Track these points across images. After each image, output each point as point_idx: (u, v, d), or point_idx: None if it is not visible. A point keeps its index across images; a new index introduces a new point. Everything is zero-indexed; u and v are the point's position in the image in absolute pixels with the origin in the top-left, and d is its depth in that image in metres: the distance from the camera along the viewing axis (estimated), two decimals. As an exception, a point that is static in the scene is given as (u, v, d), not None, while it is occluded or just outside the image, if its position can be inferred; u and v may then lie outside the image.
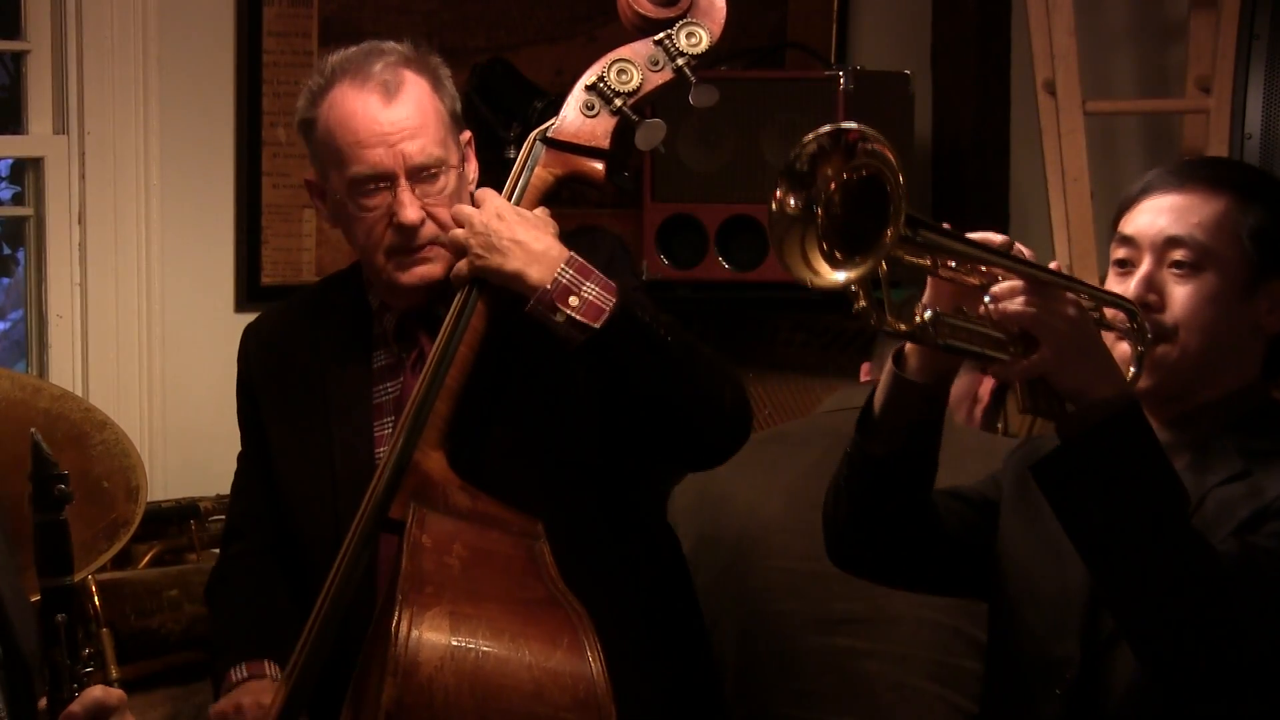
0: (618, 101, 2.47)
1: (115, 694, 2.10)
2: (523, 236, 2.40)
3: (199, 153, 3.70)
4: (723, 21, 2.49)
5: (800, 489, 2.96)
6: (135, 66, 3.58)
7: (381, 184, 2.51)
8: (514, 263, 2.39)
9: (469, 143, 2.63)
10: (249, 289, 3.75)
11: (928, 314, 2.01)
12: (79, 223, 3.57)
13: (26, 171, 3.61)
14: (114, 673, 3.15)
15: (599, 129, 2.47)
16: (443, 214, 2.52)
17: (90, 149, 3.56)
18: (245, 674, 2.57)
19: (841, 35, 4.44)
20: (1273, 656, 2.00)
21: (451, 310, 2.45)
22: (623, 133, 2.49)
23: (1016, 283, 2.02)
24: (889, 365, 2.17)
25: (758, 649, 2.92)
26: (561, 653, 2.22)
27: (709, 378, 2.47)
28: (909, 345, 2.15)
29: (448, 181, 2.53)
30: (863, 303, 1.95)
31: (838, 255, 1.93)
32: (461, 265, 2.44)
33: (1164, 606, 1.99)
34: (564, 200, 3.70)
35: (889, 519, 2.28)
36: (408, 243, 2.52)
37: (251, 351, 2.74)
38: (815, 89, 3.90)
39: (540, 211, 2.48)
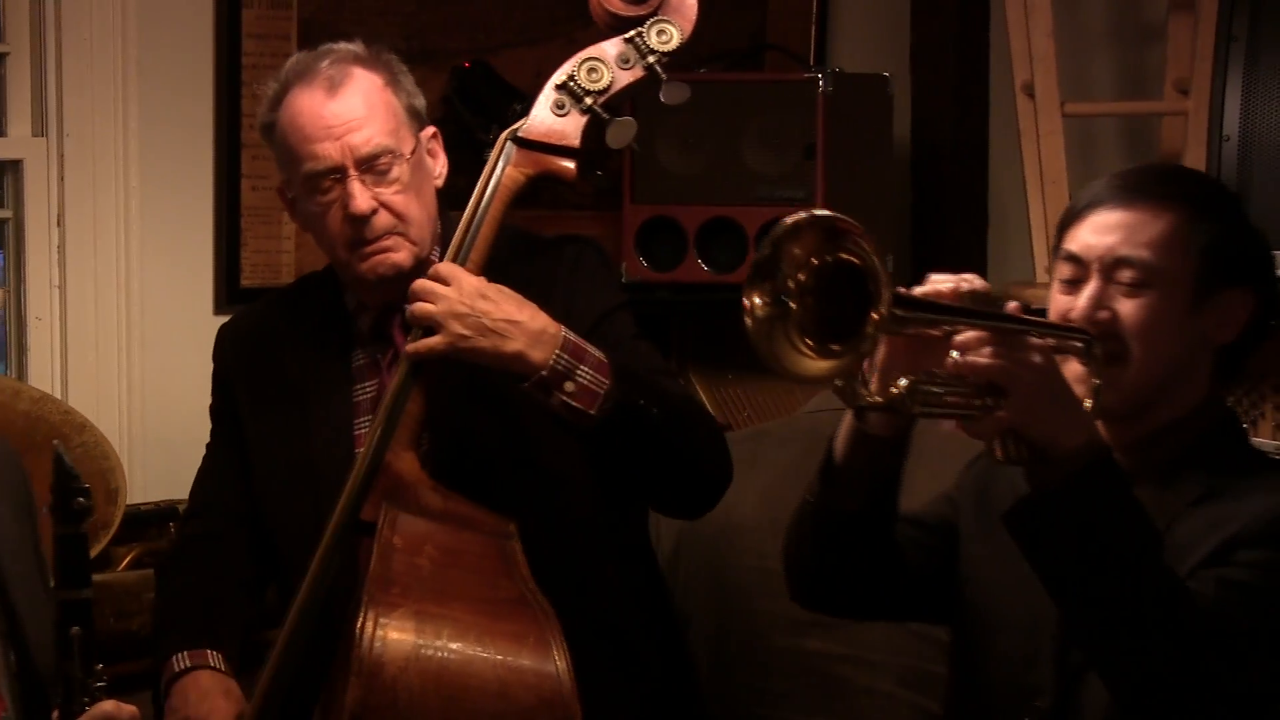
0: (588, 100, 2.47)
1: (127, 709, 2.11)
2: (517, 316, 2.38)
3: (178, 155, 3.69)
4: (694, 19, 2.49)
5: (777, 488, 2.96)
6: (114, 69, 3.58)
7: (333, 177, 2.53)
8: (514, 345, 2.37)
9: (434, 137, 2.64)
10: (228, 291, 3.74)
11: (903, 383, 1.97)
12: (58, 225, 3.56)
13: (5, 174, 3.60)
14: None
15: (569, 128, 2.47)
16: (398, 203, 2.53)
17: (69, 151, 3.55)
18: (188, 663, 2.54)
19: (821, 37, 4.44)
20: (1248, 696, 1.98)
21: None
22: (594, 131, 2.49)
23: (982, 334, 1.97)
24: (849, 420, 2.14)
25: (730, 648, 2.92)
26: (527, 652, 2.23)
27: (694, 444, 2.50)
28: None
29: (401, 173, 2.54)
30: (839, 382, 1.94)
31: (821, 345, 1.91)
32: (436, 342, 2.38)
33: (1140, 652, 1.97)
34: (544, 202, 3.67)
35: (854, 566, 2.26)
36: (362, 234, 2.53)
37: (228, 351, 2.74)
38: (794, 91, 3.89)
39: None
